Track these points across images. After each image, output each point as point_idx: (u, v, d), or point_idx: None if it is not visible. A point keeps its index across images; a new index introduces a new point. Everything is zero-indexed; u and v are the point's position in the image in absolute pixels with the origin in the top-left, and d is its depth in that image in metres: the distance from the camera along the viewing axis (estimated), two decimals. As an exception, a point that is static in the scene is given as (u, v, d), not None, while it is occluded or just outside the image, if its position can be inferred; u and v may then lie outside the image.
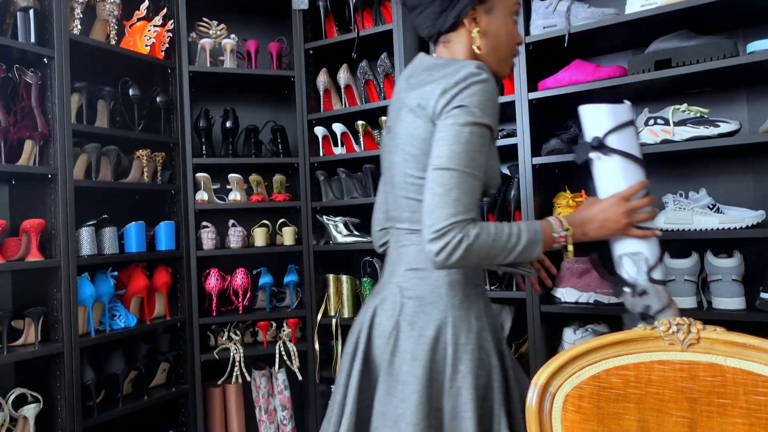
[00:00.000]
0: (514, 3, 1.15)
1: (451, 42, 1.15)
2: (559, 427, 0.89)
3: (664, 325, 0.88)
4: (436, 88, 1.04)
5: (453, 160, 0.99)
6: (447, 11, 1.11)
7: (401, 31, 2.23)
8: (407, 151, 1.10)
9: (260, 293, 2.54)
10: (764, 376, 0.80)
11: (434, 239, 0.97)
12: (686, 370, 0.86)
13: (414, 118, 1.08)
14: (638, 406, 0.87)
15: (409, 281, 1.11)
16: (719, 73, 1.68)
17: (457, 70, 1.03)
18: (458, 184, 0.98)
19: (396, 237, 1.18)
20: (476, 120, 1.01)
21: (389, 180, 1.19)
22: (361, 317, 1.17)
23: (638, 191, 1.11)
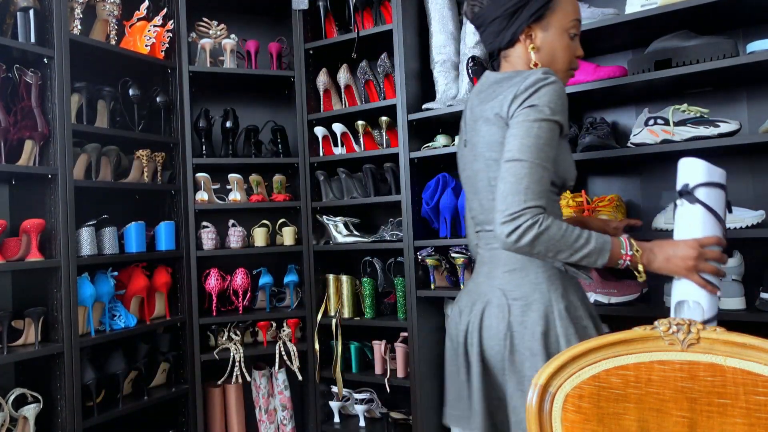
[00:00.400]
0: (569, 21, 1.24)
1: (510, 57, 1.27)
2: (559, 427, 0.89)
3: (664, 325, 0.88)
4: (508, 95, 1.14)
5: (523, 152, 1.08)
6: (505, 30, 1.24)
7: (401, 31, 2.23)
8: (488, 156, 1.19)
9: (260, 293, 2.54)
10: (764, 376, 0.80)
11: (506, 222, 1.06)
12: (686, 370, 0.85)
13: (490, 126, 1.18)
14: (638, 406, 0.87)
15: (510, 283, 1.19)
16: (719, 73, 1.68)
17: (526, 77, 1.14)
18: (529, 174, 1.07)
19: (486, 240, 1.26)
20: (545, 116, 1.10)
21: (473, 188, 1.29)
22: (465, 318, 1.25)
23: (713, 243, 1.13)
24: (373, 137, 2.51)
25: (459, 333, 1.26)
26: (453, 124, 2.38)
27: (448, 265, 2.23)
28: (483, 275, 1.26)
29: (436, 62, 2.27)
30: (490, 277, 1.23)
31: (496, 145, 1.17)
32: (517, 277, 1.19)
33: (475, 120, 1.24)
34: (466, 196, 1.38)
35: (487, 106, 1.20)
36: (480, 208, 1.26)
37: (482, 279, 1.25)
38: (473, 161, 1.26)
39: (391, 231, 2.37)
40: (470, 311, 1.24)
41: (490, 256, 1.25)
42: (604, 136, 1.84)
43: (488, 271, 1.24)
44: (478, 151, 1.23)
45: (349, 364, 2.47)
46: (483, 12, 1.25)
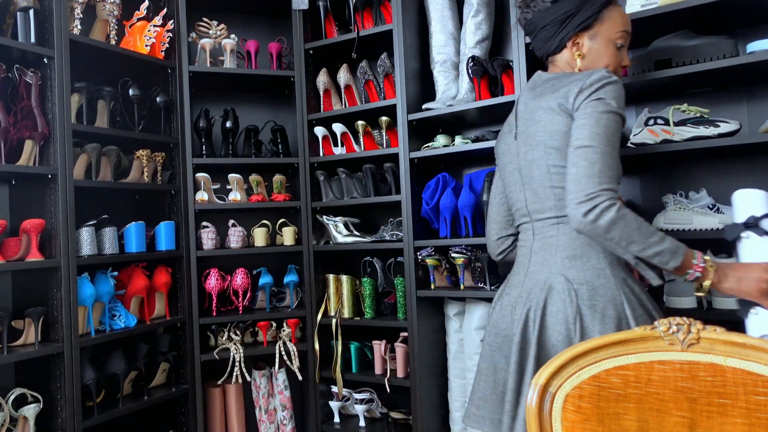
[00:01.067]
0: (616, 32, 1.30)
1: (557, 61, 1.35)
2: (559, 427, 0.89)
3: (664, 325, 0.88)
4: (574, 88, 1.20)
5: (593, 140, 1.13)
6: (554, 36, 1.32)
7: (401, 31, 2.23)
8: (550, 144, 1.23)
9: (260, 293, 2.54)
10: (764, 376, 0.80)
11: (583, 202, 1.09)
12: (686, 370, 0.85)
13: (553, 115, 1.22)
14: (638, 406, 0.87)
15: (572, 269, 1.20)
16: (719, 73, 1.68)
17: (591, 73, 1.20)
18: (600, 159, 1.11)
19: (539, 229, 1.29)
20: (612, 109, 1.15)
21: (525, 178, 1.31)
22: (521, 309, 1.24)
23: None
24: (373, 137, 2.51)
25: (514, 324, 1.25)
26: (453, 124, 2.38)
27: (448, 265, 2.23)
28: (537, 264, 1.27)
29: (436, 62, 2.27)
30: (547, 264, 1.24)
31: (558, 134, 1.21)
32: (578, 263, 1.20)
33: (532, 111, 1.28)
34: (507, 189, 1.39)
35: (547, 97, 1.25)
36: (533, 197, 1.28)
37: (536, 268, 1.26)
38: (528, 151, 1.28)
39: (391, 231, 2.37)
40: (527, 301, 1.24)
41: (543, 245, 1.26)
42: (604, 136, 1.84)
43: (543, 259, 1.25)
44: (536, 140, 1.26)
45: (349, 364, 2.47)
46: (535, 19, 1.33)
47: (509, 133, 1.38)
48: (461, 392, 2.20)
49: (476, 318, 2.12)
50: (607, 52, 1.30)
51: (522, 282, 1.29)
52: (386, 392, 2.35)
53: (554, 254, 1.23)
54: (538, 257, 1.27)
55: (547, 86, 1.28)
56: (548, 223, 1.26)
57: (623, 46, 1.32)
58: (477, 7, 2.15)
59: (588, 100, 1.16)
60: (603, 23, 1.29)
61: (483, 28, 2.17)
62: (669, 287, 1.74)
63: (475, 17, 2.16)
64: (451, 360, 2.24)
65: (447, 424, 2.31)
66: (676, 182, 1.95)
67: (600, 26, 1.29)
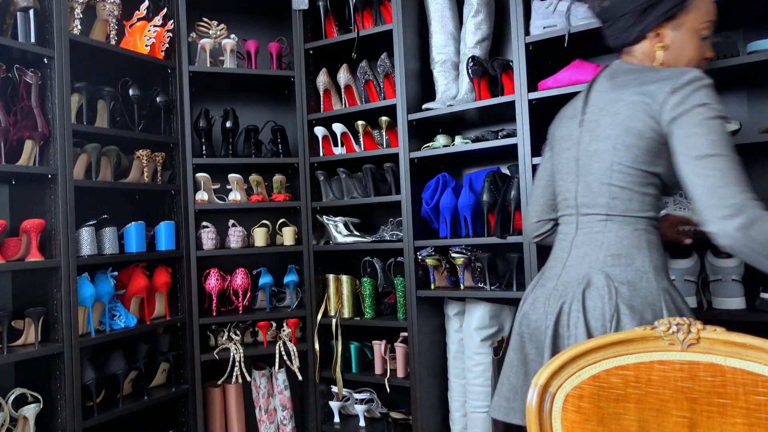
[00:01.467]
0: (702, 22, 1.21)
1: (633, 52, 1.25)
2: (559, 427, 0.89)
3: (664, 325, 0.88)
4: (664, 87, 1.12)
5: (716, 148, 1.06)
6: (633, 26, 1.22)
7: (401, 31, 2.23)
8: (622, 141, 1.16)
9: (260, 293, 2.54)
10: (764, 376, 0.80)
11: (731, 214, 1.01)
12: (686, 370, 0.85)
13: (635, 112, 1.15)
14: (638, 406, 0.87)
15: (614, 268, 1.16)
16: (719, 73, 1.68)
17: (683, 72, 1.12)
18: (731, 167, 1.04)
19: (585, 224, 1.23)
20: (720, 114, 1.09)
21: (581, 169, 1.24)
22: (556, 301, 1.20)
23: None
24: (373, 137, 2.51)
25: (547, 317, 1.21)
26: (453, 124, 2.38)
27: (448, 265, 2.23)
28: (576, 258, 1.23)
29: (436, 62, 2.27)
30: (588, 260, 1.20)
31: (633, 132, 1.15)
32: (622, 263, 1.16)
33: (610, 102, 1.21)
34: (557, 176, 1.33)
35: (631, 91, 1.17)
36: (586, 190, 1.23)
37: (575, 262, 1.22)
38: (593, 142, 1.22)
39: (391, 231, 2.37)
40: (562, 294, 1.20)
41: (586, 240, 1.22)
42: (604, 136, 1.84)
43: (584, 254, 1.21)
44: (606, 133, 1.19)
45: (349, 364, 2.47)
46: (612, 7, 1.24)
47: (572, 119, 1.30)
48: (461, 392, 2.20)
49: (476, 318, 2.12)
50: (692, 44, 1.22)
51: (558, 275, 1.25)
52: (386, 392, 2.35)
53: (597, 251, 1.19)
54: (578, 251, 1.23)
55: (629, 78, 1.20)
56: (596, 219, 1.21)
57: (707, 37, 1.24)
58: (477, 7, 2.15)
59: (689, 107, 1.09)
60: (688, 13, 1.20)
61: (483, 28, 2.17)
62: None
63: (475, 17, 2.16)
64: (451, 360, 2.24)
65: (447, 424, 2.31)
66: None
67: (685, 16, 1.20)
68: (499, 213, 2.02)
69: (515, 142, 1.98)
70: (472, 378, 2.12)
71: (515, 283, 2.05)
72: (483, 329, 2.11)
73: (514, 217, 2.02)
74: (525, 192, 1.94)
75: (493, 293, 2.04)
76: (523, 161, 1.94)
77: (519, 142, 1.95)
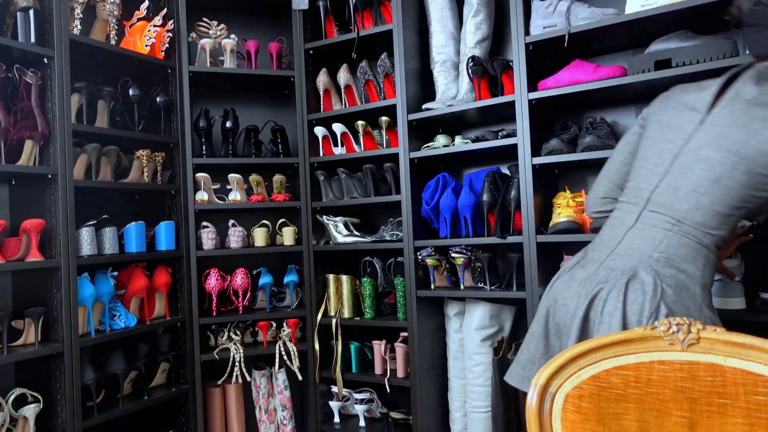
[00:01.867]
0: None
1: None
2: (559, 427, 0.89)
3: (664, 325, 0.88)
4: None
5: None
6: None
7: (401, 31, 2.23)
8: (747, 164, 1.08)
9: (260, 293, 2.54)
10: (764, 376, 0.80)
11: None
12: (686, 370, 0.85)
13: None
14: (638, 406, 0.87)
15: (665, 269, 1.11)
16: (719, 73, 1.67)
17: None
18: None
19: (649, 220, 1.17)
20: None
21: (676, 167, 1.16)
22: (594, 284, 1.15)
23: None
24: (373, 137, 2.51)
25: (579, 299, 1.17)
26: (453, 124, 2.38)
27: (448, 265, 2.23)
28: (627, 249, 1.17)
29: (436, 62, 2.27)
30: (639, 254, 1.15)
31: (767, 161, 1.07)
32: (673, 268, 1.11)
33: (751, 116, 1.10)
34: (641, 161, 1.24)
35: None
36: (670, 190, 1.16)
37: (625, 252, 1.17)
38: (707, 147, 1.12)
39: (391, 231, 2.37)
40: (602, 281, 1.15)
41: (644, 235, 1.16)
42: (604, 136, 1.84)
43: (636, 246, 1.16)
44: (731, 146, 1.10)
45: (349, 364, 2.47)
46: (765, 12, 1.13)
47: (691, 110, 1.18)
48: (461, 392, 2.20)
49: (476, 318, 2.12)
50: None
51: (602, 260, 1.19)
52: (386, 392, 2.35)
53: (651, 248, 1.14)
54: (631, 243, 1.17)
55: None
56: (663, 219, 1.15)
57: None
58: (477, 7, 2.15)
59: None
60: None
61: (483, 28, 2.17)
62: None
63: (475, 17, 2.16)
64: (451, 360, 2.24)
65: (447, 424, 2.31)
66: None
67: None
68: (499, 213, 2.02)
69: (515, 142, 1.98)
70: (472, 378, 2.12)
71: (515, 283, 2.05)
72: (483, 329, 2.11)
73: (514, 217, 2.02)
74: (524, 192, 1.94)
75: (493, 293, 2.04)
76: (523, 161, 1.94)
77: (519, 142, 1.95)
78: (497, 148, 2.07)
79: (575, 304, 1.17)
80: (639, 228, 1.18)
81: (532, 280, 1.91)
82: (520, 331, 2.23)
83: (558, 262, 2.02)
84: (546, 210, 2.03)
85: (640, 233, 1.17)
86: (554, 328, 1.23)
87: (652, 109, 1.29)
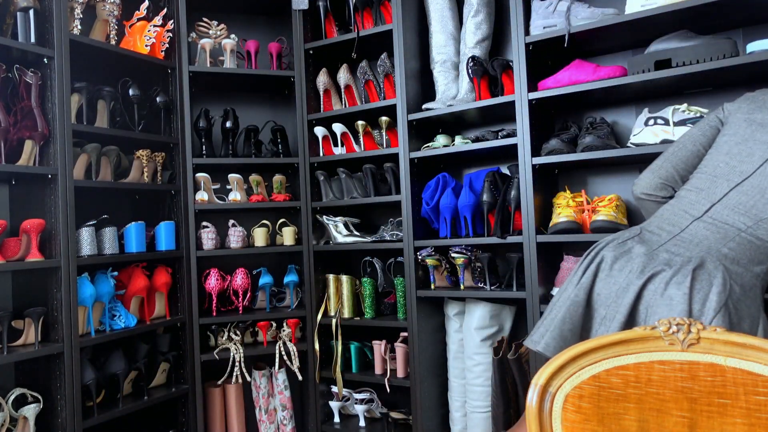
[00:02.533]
0: None
1: None
2: (559, 427, 0.89)
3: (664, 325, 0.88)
4: None
5: None
6: None
7: (401, 31, 2.23)
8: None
9: (260, 293, 2.54)
10: (764, 376, 0.80)
11: None
12: (686, 370, 0.85)
13: None
14: (638, 406, 0.87)
15: (734, 266, 1.11)
16: (719, 73, 1.68)
17: None
18: None
19: (720, 216, 1.16)
20: None
21: (764, 174, 1.15)
22: (653, 265, 1.13)
23: None
24: (373, 137, 2.51)
25: (632, 274, 1.14)
26: (453, 124, 2.38)
27: (448, 265, 2.23)
28: (692, 236, 1.16)
29: (436, 62, 2.27)
30: (707, 244, 1.14)
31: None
32: (741, 268, 1.11)
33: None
34: (718, 156, 1.22)
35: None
36: (753, 194, 1.15)
37: (691, 238, 1.16)
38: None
39: (391, 231, 2.37)
40: (668, 262, 1.13)
41: (711, 228, 1.16)
42: (604, 136, 1.84)
43: (703, 237, 1.15)
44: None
45: (349, 364, 2.47)
46: None
47: (746, 114, 1.18)
48: (461, 392, 2.20)
49: (476, 318, 2.12)
50: None
51: (661, 243, 1.17)
52: (386, 392, 2.35)
53: (722, 243, 1.13)
54: (696, 232, 1.16)
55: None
56: (741, 220, 1.14)
57: None
58: (477, 7, 2.15)
59: None
60: None
61: (483, 28, 2.18)
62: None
63: (475, 17, 2.16)
64: (451, 360, 2.24)
65: (447, 424, 2.31)
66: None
67: None
68: (499, 213, 2.02)
69: (515, 142, 1.98)
70: (472, 378, 2.12)
71: (515, 283, 2.05)
72: (483, 329, 2.11)
73: (514, 217, 2.02)
74: (524, 192, 1.94)
75: (493, 293, 2.04)
76: (523, 161, 1.94)
77: (519, 142, 1.95)
78: (497, 148, 2.07)
79: (628, 280, 1.15)
80: (708, 221, 1.16)
81: (532, 280, 1.91)
82: (520, 331, 2.23)
83: (558, 262, 2.02)
84: (546, 210, 2.03)
85: (709, 226, 1.15)
86: (601, 296, 1.18)
87: (739, 106, 1.27)
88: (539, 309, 1.90)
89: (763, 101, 1.23)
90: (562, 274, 1.95)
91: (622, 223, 1.82)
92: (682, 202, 1.23)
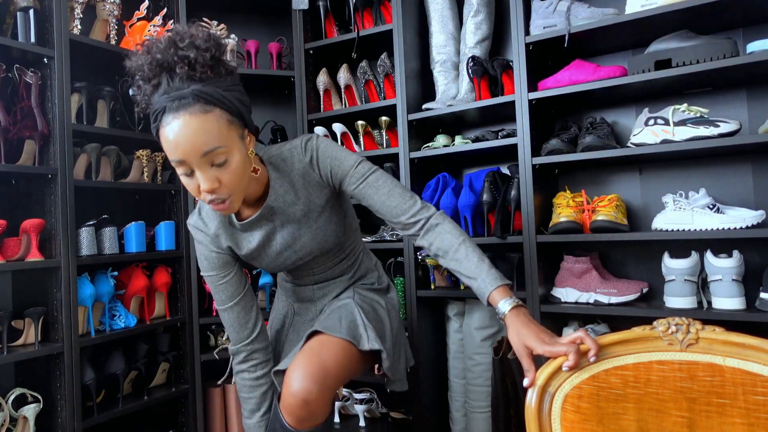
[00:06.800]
0: None
1: None
2: (558, 427, 0.89)
3: (663, 325, 0.88)
4: None
5: None
6: None
7: (401, 31, 2.23)
8: None
9: (260, 293, 2.54)
10: (763, 376, 0.80)
11: None
12: (685, 370, 0.85)
13: None
14: (637, 406, 0.87)
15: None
16: (719, 73, 1.68)
17: None
18: None
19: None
20: None
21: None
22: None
23: None
24: (373, 137, 2.51)
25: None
26: (453, 124, 2.38)
27: (448, 265, 2.22)
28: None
29: (436, 62, 2.27)
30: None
31: None
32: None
33: None
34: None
35: None
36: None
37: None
38: None
39: (391, 231, 2.37)
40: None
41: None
42: (604, 136, 1.84)
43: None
44: None
45: (349, 364, 2.46)
46: None
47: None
48: (461, 392, 2.20)
49: (476, 318, 2.12)
50: None
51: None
52: (386, 392, 2.35)
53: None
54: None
55: None
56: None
57: None
58: (477, 7, 2.15)
59: None
60: None
61: (483, 28, 2.18)
62: (668, 287, 1.74)
63: (475, 17, 2.16)
64: (451, 360, 2.24)
65: (447, 424, 2.31)
66: (675, 182, 1.95)
67: None
68: (499, 213, 2.02)
69: (515, 142, 1.97)
70: (473, 378, 2.12)
71: (515, 283, 2.04)
72: (483, 329, 2.11)
73: (514, 217, 2.02)
74: (525, 192, 1.94)
75: (493, 293, 2.03)
76: (523, 161, 1.94)
77: (519, 142, 1.95)
78: (497, 148, 2.07)
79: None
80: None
81: (532, 280, 1.91)
82: (520, 331, 2.23)
83: (558, 262, 2.02)
84: (546, 210, 2.03)
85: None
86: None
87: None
88: (539, 309, 1.90)
89: None
90: (561, 274, 1.95)
91: (622, 223, 1.82)
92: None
